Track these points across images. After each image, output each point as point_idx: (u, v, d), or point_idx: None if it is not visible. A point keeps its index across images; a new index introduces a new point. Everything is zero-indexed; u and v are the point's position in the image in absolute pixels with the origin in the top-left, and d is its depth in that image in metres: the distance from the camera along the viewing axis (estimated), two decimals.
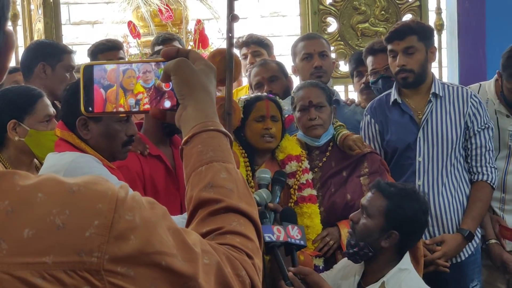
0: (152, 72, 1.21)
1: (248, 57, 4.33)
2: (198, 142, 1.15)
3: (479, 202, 3.29)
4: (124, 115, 1.95)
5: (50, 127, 2.75)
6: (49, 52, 3.43)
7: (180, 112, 1.19)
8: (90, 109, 1.19)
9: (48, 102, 2.82)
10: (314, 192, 2.97)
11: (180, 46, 3.80)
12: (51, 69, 3.39)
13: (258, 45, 4.39)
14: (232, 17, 2.31)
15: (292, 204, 2.93)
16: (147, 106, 1.22)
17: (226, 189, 1.10)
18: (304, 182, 2.96)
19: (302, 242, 2.58)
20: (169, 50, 1.22)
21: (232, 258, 1.03)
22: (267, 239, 2.50)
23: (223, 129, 1.18)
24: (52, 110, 2.82)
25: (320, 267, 2.89)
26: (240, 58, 4.39)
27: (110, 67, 1.20)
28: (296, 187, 2.95)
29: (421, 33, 3.27)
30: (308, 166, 3.02)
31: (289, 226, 2.60)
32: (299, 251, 2.71)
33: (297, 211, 2.91)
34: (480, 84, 3.59)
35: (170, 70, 1.18)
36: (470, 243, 3.28)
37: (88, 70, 1.20)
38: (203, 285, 0.96)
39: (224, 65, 2.51)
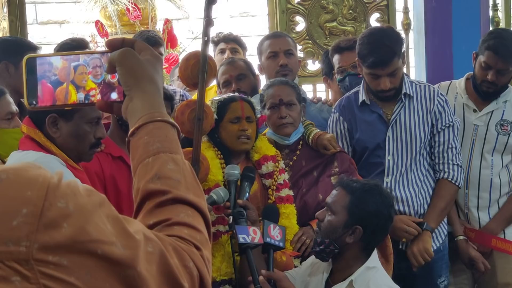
0: (102, 67, 1.18)
1: (226, 53, 4.32)
2: (145, 133, 1.12)
3: (441, 200, 3.28)
4: (70, 108, 1.92)
5: (12, 125, 2.72)
6: (12, 51, 3.37)
7: (126, 104, 1.16)
8: (34, 102, 1.16)
9: (11, 99, 2.79)
10: (291, 193, 2.95)
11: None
12: (14, 67, 3.33)
13: (236, 43, 4.41)
14: (207, 22, 2.30)
15: None
16: None
17: (173, 180, 1.08)
18: (282, 182, 2.94)
19: (281, 244, 2.56)
20: (114, 40, 1.20)
21: (179, 249, 1.00)
22: (241, 240, 2.48)
23: (170, 120, 1.15)
24: (14, 108, 2.78)
25: None
26: (216, 52, 4.40)
27: (55, 59, 1.17)
28: (274, 187, 2.93)
29: (400, 51, 3.20)
30: (284, 166, 3.00)
31: (271, 225, 2.57)
32: (280, 251, 2.70)
33: None
34: (451, 82, 3.63)
35: (115, 60, 1.15)
36: (437, 240, 3.30)
37: (30, 62, 1.16)
38: (143, 274, 0.93)
39: (198, 69, 2.48)
